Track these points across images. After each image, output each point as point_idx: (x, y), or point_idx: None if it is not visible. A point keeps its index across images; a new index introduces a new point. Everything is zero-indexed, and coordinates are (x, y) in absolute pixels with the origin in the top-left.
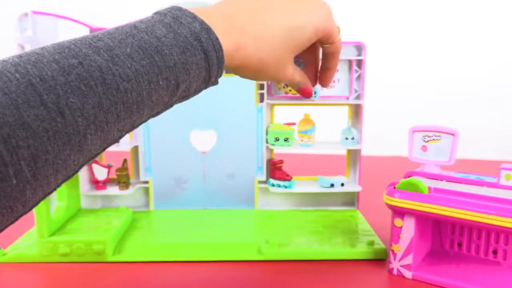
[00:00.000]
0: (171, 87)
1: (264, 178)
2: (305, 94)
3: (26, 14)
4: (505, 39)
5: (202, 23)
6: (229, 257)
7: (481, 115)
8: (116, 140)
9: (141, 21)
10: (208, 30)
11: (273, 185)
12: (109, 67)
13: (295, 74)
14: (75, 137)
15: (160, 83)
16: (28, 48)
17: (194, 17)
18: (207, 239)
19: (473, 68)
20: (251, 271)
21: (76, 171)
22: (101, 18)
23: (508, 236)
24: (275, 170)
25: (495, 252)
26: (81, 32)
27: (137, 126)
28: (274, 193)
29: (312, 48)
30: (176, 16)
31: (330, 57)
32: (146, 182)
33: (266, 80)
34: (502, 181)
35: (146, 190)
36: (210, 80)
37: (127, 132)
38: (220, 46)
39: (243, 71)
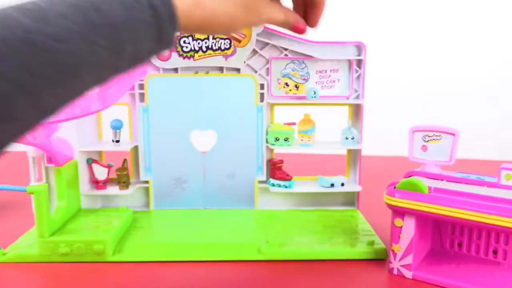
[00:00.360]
0: (114, 47)
1: (264, 178)
2: (297, 30)
3: None
4: (505, 39)
5: None
6: (229, 257)
7: (481, 115)
8: (55, 108)
9: None
10: None
11: (273, 185)
12: (37, 27)
13: (277, 12)
14: (3, 104)
15: (100, 42)
16: None
17: None
18: (207, 239)
19: (473, 68)
20: (251, 271)
21: (8, 144)
22: None
23: (508, 236)
24: (275, 170)
25: (495, 252)
26: None
27: (81, 92)
28: (274, 193)
29: None
30: None
31: None
32: (146, 182)
33: (243, 28)
34: (502, 181)
35: (146, 190)
36: (162, 39)
37: (69, 99)
38: (171, 3)
39: (210, 28)
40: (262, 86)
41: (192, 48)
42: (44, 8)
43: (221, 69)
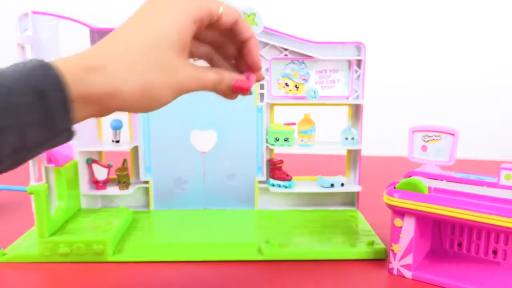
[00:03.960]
0: None
1: (264, 178)
2: (240, 90)
3: (26, 14)
4: (505, 39)
5: (41, 61)
6: (229, 257)
7: (481, 115)
8: None
9: None
10: (46, 66)
11: (273, 185)
12: None
13: (204, 73)
14: None
15: None
16: (28, 48)
17: (36, 59)
18: (207, 239)
19: (473, 68)
20: (251, 271)
21: None
22: (101, 18)
23: (508, 236)
24: (275, 170)
25: (495, 252)
26: (81, 32)
27: None
28: (274, 193)
29: (205, 37)
30: (16, 63)
31: (233, 30)
32: (146, 182)
33: (172, 97)
34: (502, 181)
35: (146, 190)
36: (55, 126)
37: None
38: (61, 85)
39: (120, 95)
40: (262, 86)
41: None
42: None
43: None
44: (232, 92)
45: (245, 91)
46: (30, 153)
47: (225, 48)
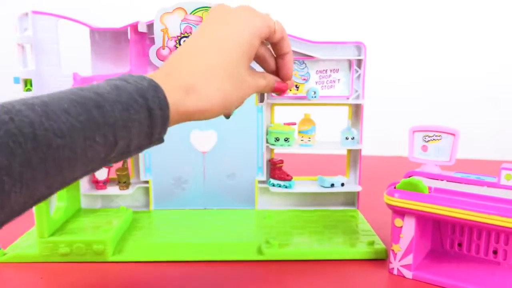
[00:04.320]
0: (109, 143)
1: (264, 178)
2: (279, 90)
3: (26, 14)
4: (505, 39)
5: (150, 81)
6: (229, 257)
7: (481, 115)
8: (45, 197)
9: (89, 85)
10: (156, 87)
11: (273, 185)
12: (42, 122)
13: (259, 80)
14: None
15: (97, 139)
16: (28, 48)
17: (143, 77)
18: (207, 239)
19: (473, 68)
20: (251, 271)
21: None
22: (101, 18)
23: (508, 236)
24: (275, 170)
25: (495, 252)
26: (81, 32)
27: (70, 182)
28: (274, 193)
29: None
30: (124, 78)
31: (278, 44)
32: (146, 182)
33: (238, 105)
34: (503, 181)
35: (146, 190)
36: (153, 136)
37: (58, 189)
38: (167, 105)
39: (208, 111)
40: None
41: None
42: (48, 103)
43: None
44: (272, 91)
45: (284, 92)
46: (130, 155)
47: (267, 62)
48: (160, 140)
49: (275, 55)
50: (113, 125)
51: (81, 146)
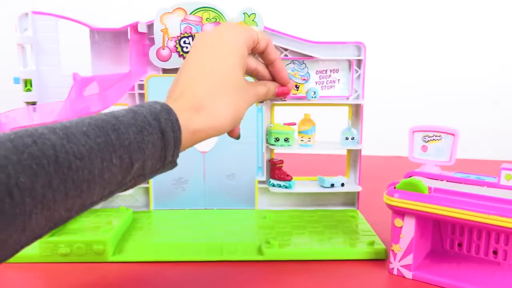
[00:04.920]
0: (125, 165)
1: (264, 178)
2: (281, 95)
3: (26, 14)
4: (505, 39)
5: (163, 104)
6: (229, 257)
7: (481, 115)
8: (64, 221)
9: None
10: (169, 110)
11: (273, 185)
12: (63, 144)
13: (258, 88)
14: (20, 217)
15: (114, 161)
16: (28, 48)
17: (156, 102)
18: (207, 239)
19: (473, 68)
20: (251, 271)
21: (17, 251)
22: (101, 18)
23: (509, 236)
24: (275, 170)
25: (495, 252)
26: (81, 32)
27: (89, 206)
28: (274, 193)
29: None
30: (139, 104)
31: (265, 52)
32: (146, 182)
33: (243, 111)
34: (503, 181)
35: (146, 190)
36: (166, 159)
37: (77, 213)
38: (179, 127)
39: (220, 126)
40: None
41: None
42: (68, 126)
43: None
44: (275, 97)
45: (287, 94)
46: (145, 179)
47: (261, 73)
48: (173, 164)
49: (266, 65)
50: (128, 147)
51: (99, 167)
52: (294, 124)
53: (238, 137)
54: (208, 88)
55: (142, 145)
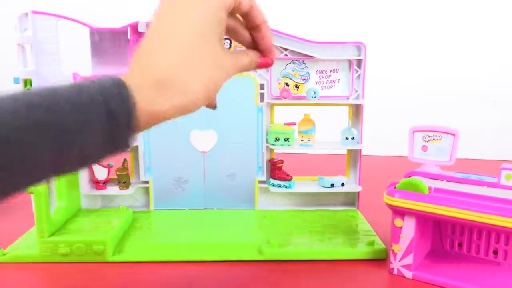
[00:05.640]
0: (58, 148)
1: (264, 178)
2: (265, 65)
3: (26, 14)
4: (505, 39)
5: (116, 80)
6: (229, 257)
7: (481, 115)
8: None
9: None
10: (120, 87)
11: (273, 185)
12: None
13: (241, 57)
14: None
15: (46, 143)
16: (28, 48)
17: (111, 77)
18: (207, 239)
19: (473, 68)
20: (252, 271)
21: None
22: (101, 18)
23: (509, 236)
24: (275, 170)
25: (495, 252)
26: (81, 32)
27: (13, 192)
28: (274, 193)
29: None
30: (94, 78)
31: (249, 15)
32: (146, 182)
33: (219, 89)
34: (503, 181)
35: (146, 190)
36: (116, 142)
37: (9, 194)
38: (132, 108)
39: (189, 105)
40: (262, 86)
41: None
42: None
43: None
44: (256, 68)
45: (269, 66)
46: (92, 162)
47: (240, 34)
48: (126, 146)
49: (249, 29)
50: (63, 128)
51: (26, 150)
52: (294, 124)
53: (214, 107)
54: (174, 58)
55: (83, 127)
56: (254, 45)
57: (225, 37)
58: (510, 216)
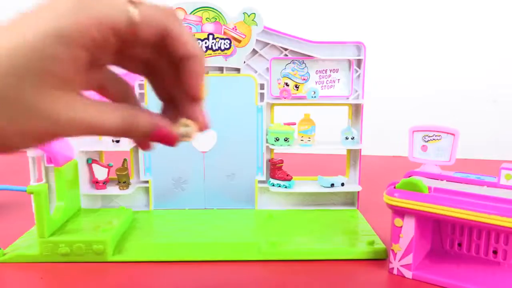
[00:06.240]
0: None
1: (264, 178)
2: (163, 141)
3: None
4: (505, 39)
5: None
6: (229, 257)
7: (481, 115)
8: None
9: None
10: None
11: (273, 185)
12: None
13: (99, 118)
14: None
15: None
16: None
17: None
18: (207, 239)
19: (473, 68)
20: (251, 271)
21: None
22: None
23: (508, 236)
24: (275, 170)
25: (495, 252)
26: None
27: None
28: (274, 193)
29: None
30: None
31: (166, 44)
32: (146, 182)
33: (24, 148)
34: (502, 181)
35: (146, 190)
36: None
37: None
38: None
39: None
40: (262, 86)
41: None
42: None
43: (221, 69)
44: (148, 140)
45: (169, 143)
46: None
47: (161, 71)
48: None
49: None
50: None
51: None
52: (294, 124)
53: (173, 142)
54: None
55: None
56: (168, 95)
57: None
58: (510, 216)
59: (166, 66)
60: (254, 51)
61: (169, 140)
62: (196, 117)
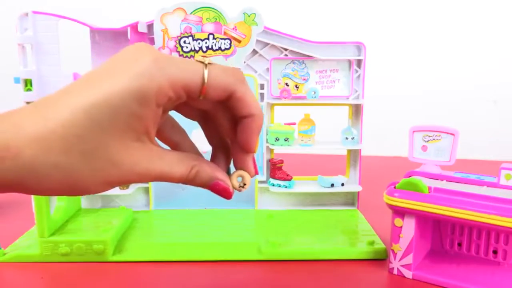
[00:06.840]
0: None
1: (264, 178)
2: (220, 194)
3: (26, 14)
4: (505, 39)
5: None
6: (229, 257)
7: (481, 115)
8: None
9: None
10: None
11: (273, 185)
12: None
13: (165, 167)
14: None
15: None
16: (28, 48)
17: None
18: (207, 239)
19: (473, 68)
20: (251, 271)
21: None
22: (101, 18)
23: (508, 236)
24: (275, 170)
25: (495, 252)
26: (81, 32)
27: None
28: (274, 193)
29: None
30: None
31: (230, 105)
32: (146, 182)
33: (98, 192)
34: (502, 181)
35: (146, 190)
36: None
37: None
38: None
39: (37, 187)
40: (262, 86)
41: (193, 48)
42: None
43: None
44: (208, 188)
45: (226, 197)
46: None
47: (217, 121)
48: None
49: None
50: None
51: None
52: (294, 124)
53: (229, 196)
54: (36, 131)
55: None
56: (225, 148)
57: None
58: (510, 216)
59: (223, 118)
60: (254, 51)
61: (226, 195)
62: (248, 167)
